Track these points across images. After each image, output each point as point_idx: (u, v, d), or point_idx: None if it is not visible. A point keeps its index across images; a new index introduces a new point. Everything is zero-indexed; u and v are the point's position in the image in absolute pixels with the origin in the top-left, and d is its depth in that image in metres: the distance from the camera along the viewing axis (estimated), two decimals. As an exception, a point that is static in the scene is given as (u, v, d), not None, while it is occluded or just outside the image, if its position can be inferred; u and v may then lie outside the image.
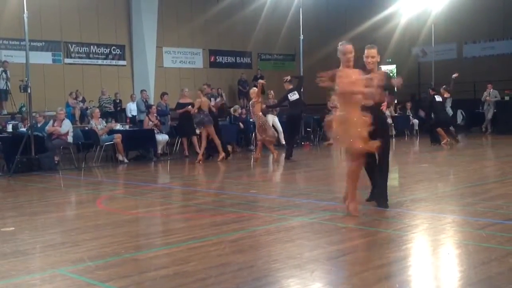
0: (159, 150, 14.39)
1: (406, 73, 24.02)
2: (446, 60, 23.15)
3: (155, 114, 14.80)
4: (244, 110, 17.08)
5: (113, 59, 20.30)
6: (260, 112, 12.68)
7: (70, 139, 12.82)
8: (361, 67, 6.39)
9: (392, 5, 23.61)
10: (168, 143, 15.11)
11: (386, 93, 6.72)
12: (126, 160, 13.62)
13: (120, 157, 13.48)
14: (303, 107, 13.71)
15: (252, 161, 13.02)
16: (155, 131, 14.27)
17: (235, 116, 16.41)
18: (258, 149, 12.94)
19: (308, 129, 17.87)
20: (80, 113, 17.58)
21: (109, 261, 4.67)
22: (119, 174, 11.92)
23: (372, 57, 6.48)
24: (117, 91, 19.04)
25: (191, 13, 21.73)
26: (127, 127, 15.44)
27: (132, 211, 7.23)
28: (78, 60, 19.48)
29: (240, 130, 16.18)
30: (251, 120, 14.95)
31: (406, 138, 19.43)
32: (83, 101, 18.18)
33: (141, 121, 15.77)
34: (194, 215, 6.90)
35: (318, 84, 6.26)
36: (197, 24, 21.65)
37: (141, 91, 17.55)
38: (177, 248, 5.04)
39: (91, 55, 19.80)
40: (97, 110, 14.19)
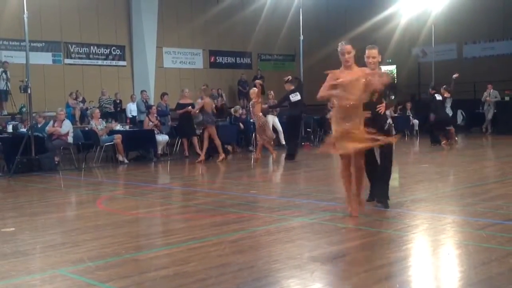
0: (159, 151, 14.39)
1: (406, 74, 24.07)
2: (446, 61, 23.15)
3: (155, 115, 14.79)
4: (244, 111, 17.07)
5: (113, 60, 20.29)
6: (260, 113, 12.69)
7: (70, 140, 12.82)
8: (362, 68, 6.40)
9: (392, 6, 23.59)
10: (168, 144, 15.11)
11: (388, 95, 6.73)
12: (126, 161, 13.61)
13: (120, 158, 13.48)
14: (303, 108, 13.72)
15: (252, 162, 13.02)
16: (155, 132, 14.27)
17: (236, 117, 16.41)
18: (258, 150, 12.94)
19: (308, 130, 17.86)
20: (80, 114, 17.57)
21: (109, 262, 4.67)
22: (119, 175, 11.93)
23: (373, 58, 6.48)
24: (117, 92, 19.04)
25: (191, 14, 21.73)
26: (127, 128, 15.43)
27: (132, 212, 7.23)
28: (78, 61, 19.47)
29: (240, 131, 16.18)
30: (251, 121, 14.95)
31: (406, 139, 19.42)
32: (83, 102, 18.18)
33: (141, 122, 15.76)
34: (194, 216, 6.90)
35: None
36: (197, 25, 21.65)
37: (141, 92, 17.55)
38: (177, 249, 5.04)
39: (91, 56, 19.80)
40: (97, 111, 14.18)
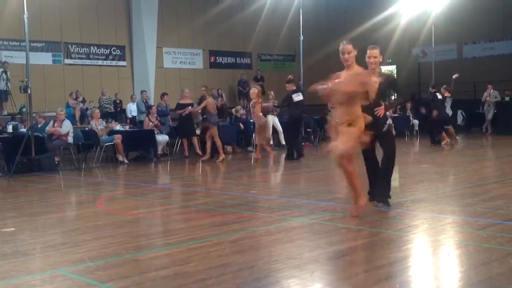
0: (159, 151, 14.39)
1: (406, 74, 24.06)
2: (446, 61, 23.15)
3: (155, 115, 14.80)
4: (245, 111, 17.08)
5: (113, 60, 20.30)
6: (261, 113, 12.68)
7: (70, 140, 12.82)
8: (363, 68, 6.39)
9: (392, 6, 23.60)
10: (168, 144, 15.11)
11: (391, 97, 6.74)
12: (126, 161, 13.62)
13: (120, 158, 13.48)
14: (303, 108, 13.73)
15: (252, 162, 13.01)
16: (155, 132, 14.27)
17: (237, 117, 16.41)
18: (258, 150, 12.92)
19: (308, 130, 17.86)
20: (80, 114, 17.58)
21: (110, 262, 4.67)
22: (119, 175, 11.92)
23: (374, 58, 6.47)
24: (117, 92, 19.05)
25: (191, 14, 21.73)
26: (127, 128, 15.43)
27: (133, 212, 7.23)
28: (78, 61, 19.48)
29: (240, 131, 16.18)
30: (252, 121, 14.95)
31: (406, 139, 19.43)
32: (83, 102, 18.19)
33: (141, 122, 15.77)
34: (194, 216, 6.90)
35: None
36: (197, 25, 21.66)
37: (141, 92, 17.55)
38: (177, 249, 5.04)
39: (91, 56, 19.80)
40: (97, 111, 14.18)
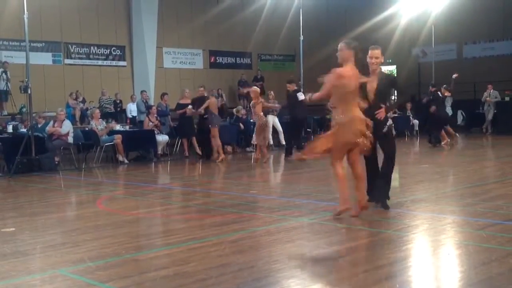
0: (159, 151, 14.38)
1: (406, 74, 24.05)
2: (446, 61, 23.15)
3: (155, 115, 14.79)
4: (245, 111, 17.08)
5: (113, 60, 20.30)
6: (262, 113, 12.68)
7: (71, 140, 12.82)
8: (364, 68, 6.39)
9: (392, 6, 23.61)
10: (168, 144, 15.11)
11: (392, 98, 6.74)
12: (126, 161, 13.61)
13: (120, 158, 13.48)
14: (305, 108, 13.76)
15: (252, 162, 13.02)
16: (155, 132, 14.26)
17: (238, 117, 16.41)
18: (258, 150, 12.92)
19: (308, 130, 17.87)
20: (80, 114, 17.58)
21: (110, 262, 4.67)
22: (119, 175, 11.92)
23: (376, 58, 6.47)
24: (117, 92, 19.05)
25: (191, 14, 21.73)
26: (127, 128, 15.42)
27: (133, 212, 7.22)
28: (78, 61, 19.48)
29: (240, 131, 16.18)
30: (252, 121, 14.94)
31: (406, 139, 19.43)
32: (83, 102, 18.18)
33: (141, 122, 15.77)
34: (194, 216, 6.90)
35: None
36: (197, 25, 21.66)
37: (141, 92, 17.55)
38: (177, 249, 5.04)
39: (91, 56, 19.80)
40: (97, 111, 14.18)
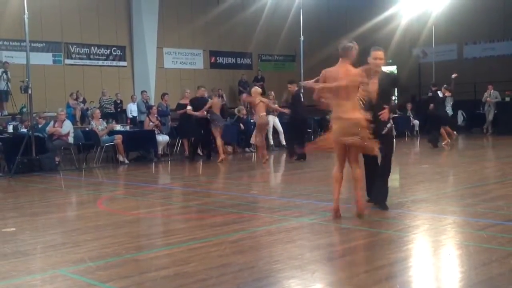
0: (160, 151, 14.39)
1: (407, 74, 24.05)
2: (447, 61, 23.15)
3: (156, 115, 14.80)
4: (245, 111, 17.07)
5: (114, 60, 20.29)
6: (263, 113, 12.66)
7: (71, 140, 12.82)
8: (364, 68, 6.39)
9: (393, 6, 23.59)
10: (169, 144, 15.11)
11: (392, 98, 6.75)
12: (127, 161, 13.62)
13: (121, 158, 13.48)
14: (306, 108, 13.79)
15: (253, 160, 13.01)
16: (156, 132, 14.27)
17: (239, 117, 16.41)
18: (260, 150, 12.93)
19: (309, 130, 17.87)
20: (81, 114, 17.57)
21: (110, 262, 4.67)
22: (120, 175, 11.93)
23: (380, 59, 6.49)
24: (118, 92, 19.03)
25: (192, 14, 21.73)
26: (128, 128, 15.43)
27: (133, 212, 7.23)
28: (79, 61, 19.47)
29: (241, 131, 16.18)
30: (252, 121, 14.95)
31: (407, 139, 19.43)
32: (84, 102, 18.18)
33: (142, 122, 15.77)
34: (195, 216, 6.90)
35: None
36: (198, 25, 21.65)
37: (142, 92, 17.55)
38: (178, 249, 5.04)
39: (92, 56, 19.80)
40: (98, 111, 14.18)
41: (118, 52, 20.35)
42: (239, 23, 22.22)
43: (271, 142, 15.89)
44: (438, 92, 15.42)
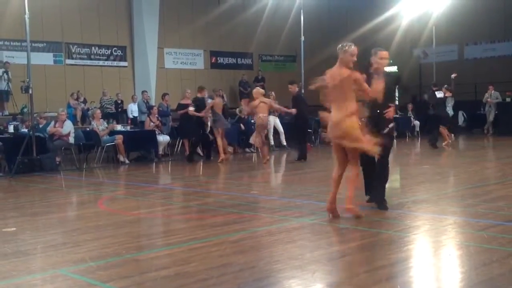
0: (160, 151, 14.40)
1: (408, 75, 24.03)
2: (447, 62, 23.15)
3: (156, 115, 14.80)
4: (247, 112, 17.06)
5: (115, 60, 20.30)
6: (264, 113, 12.64)
7: (72, 140, 12.82)
8: (365, 69, 6.39)
9: (394, 7, 23.59)
10: (169, 144, 15.12)
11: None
12: (127, 161, 13.62)
13: (121, 158, 13.48)
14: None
15: (255, 162, 13.01)
16: (156, 132, 14.27)
17: (240, 117, 16.42)
18: (262, 151, 12.93)
19: (309, 130, 17.87)
20: (82, 114, 17.59)
21: (110, 262, 4.67)
22: (120, 175, 11.93)
23: (386, 59, 6.53)
24: (119, 92, 19.05)
25: (192, 15, 21.73)
26: (128, 128, 15.43)
27: (134, 212, 7.23)
28: (79, 61, 19.48)
29: (241, 131, 16.18)
30: (252, 121, 14.95)
31: (407, 140, 19.43)
32: (85, 102, 18.19)
33: (142, 122, 15.78)
34: (195, 216, 6.90)
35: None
36: (198, 26, 21.66)
37: (142, 92, 17.56)
38: (178, 249, 5.04)
39: (92, 56, 19.81)
40: (98, 111, 14.19)
41: (119, 52, 20.36)
42: (240, 24, 22.23)
43: (272, 143, 15.88)
44: (436, 93, 15.40)
